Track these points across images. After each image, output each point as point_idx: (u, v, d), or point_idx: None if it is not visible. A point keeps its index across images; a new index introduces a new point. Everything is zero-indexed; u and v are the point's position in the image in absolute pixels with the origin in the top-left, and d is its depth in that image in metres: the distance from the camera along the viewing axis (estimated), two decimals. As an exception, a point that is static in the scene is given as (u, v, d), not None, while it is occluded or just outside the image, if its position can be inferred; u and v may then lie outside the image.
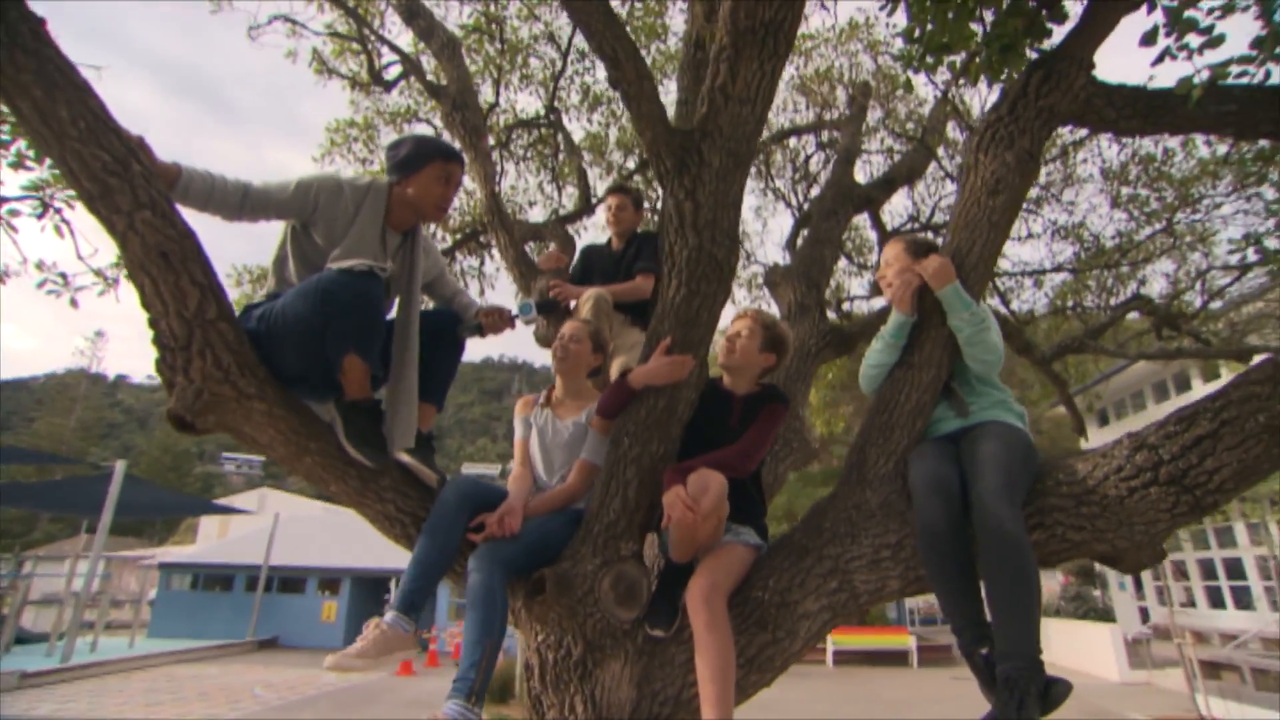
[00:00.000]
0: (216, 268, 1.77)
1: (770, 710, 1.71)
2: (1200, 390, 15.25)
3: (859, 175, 4.88)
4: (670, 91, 3.88)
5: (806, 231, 4.90)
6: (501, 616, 1.74)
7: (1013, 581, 1.46)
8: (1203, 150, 4.76)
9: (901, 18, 2.54)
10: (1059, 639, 13.89)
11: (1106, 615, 14.66)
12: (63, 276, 2.33)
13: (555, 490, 2.18)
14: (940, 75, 3.89)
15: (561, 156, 5.19)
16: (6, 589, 13.00)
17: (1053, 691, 1.37)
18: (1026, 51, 2.29)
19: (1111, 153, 5.11)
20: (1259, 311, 5.74)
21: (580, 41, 4.85)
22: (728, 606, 1.82)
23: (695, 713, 1.82)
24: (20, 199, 2.20)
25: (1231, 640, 12.51)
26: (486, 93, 4.51)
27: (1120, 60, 2.23)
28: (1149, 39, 2.05)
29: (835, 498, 1.98)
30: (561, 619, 1.87)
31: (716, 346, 2.33)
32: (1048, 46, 2.30)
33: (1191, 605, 15.40)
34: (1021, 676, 1.35)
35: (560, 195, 5.40)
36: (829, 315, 4.26)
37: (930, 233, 5.45)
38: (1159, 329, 5.11)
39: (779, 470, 3.14)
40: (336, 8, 4.11)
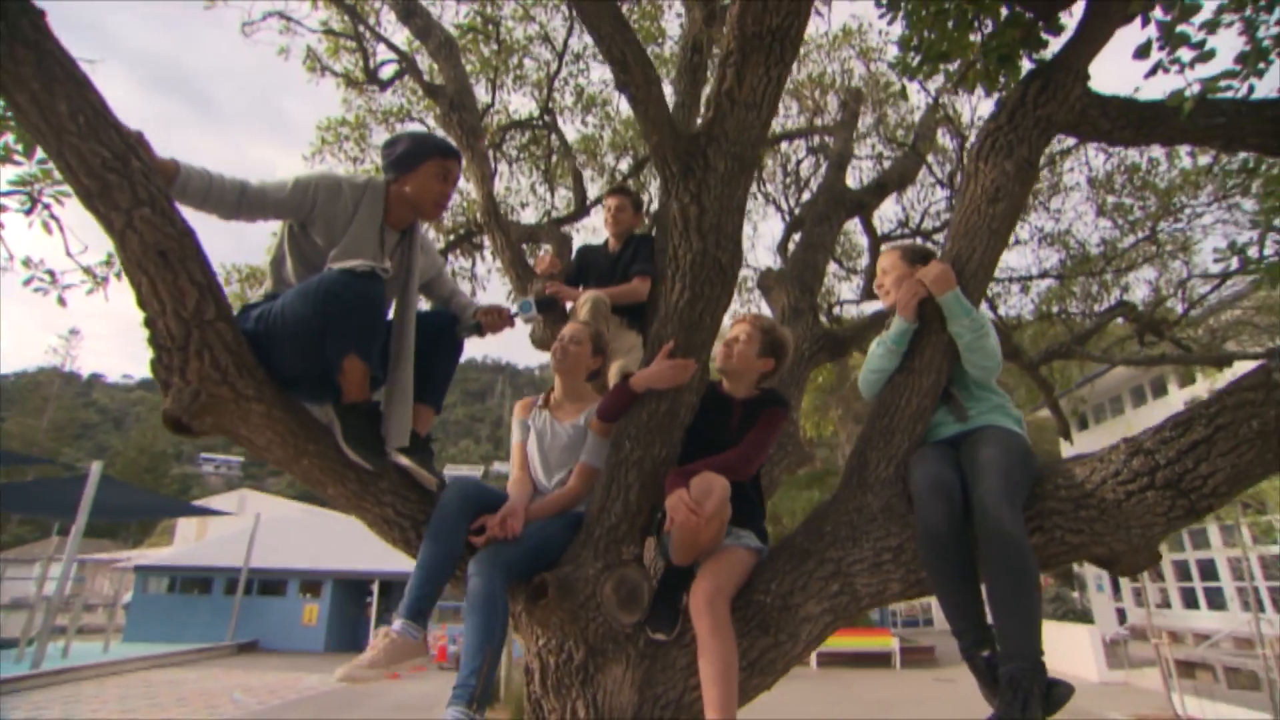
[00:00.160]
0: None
1: (754, 712, 1.72)
2: (1177, 395, 15.59)
3: (849, 180, 4.92)
4: (666, 95, 3.88)
5: (799, 236, 4.93)
6: (502, 622, 1.73)
7: (1015, 584, 1.48)
8: (1185, 161, 4.88)
9: (897, 26, 2.57)
10: (1039, 640, 14.07)
11: (1085, 617, 14.90)
12: (50, 274, 2.28)
13: (555, 494, 2.17)
14: (932, 83, 3.94)
15: (554, 158, 5.18)
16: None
17: (1055, 693, 1.39)
18: (1023, 62, 2.34)
19: (1098, 162, 5.23)
20: (1236, 318, 5.89)
21: (575, 43, 4.86)
22: (729, 610, 1.82)
23: (697, 716, 1.82)
24: (7, 194, 2.15)
25: (1205, 640, 12.77)
26: (480, 93, 4.50)
27: (1109, 67, 2.26)
28: (1142, 52, 2.10)
29: (836, 501, 1.99)
30: (563, 623, 1.86)
31: (714, 351, 2.33)
32: (1043, 57, 2.34)
33: (1167, 606, 15.72)
34: (1025, 677, 1.37)
35: (553, 197, 5.39)
36: (821, 319, 4.29)
37: (920, 238, 5.52)
38: (1141, 335, 5.22)
39: (774, 473, 3.15)
40: (333, 5, 4.07)
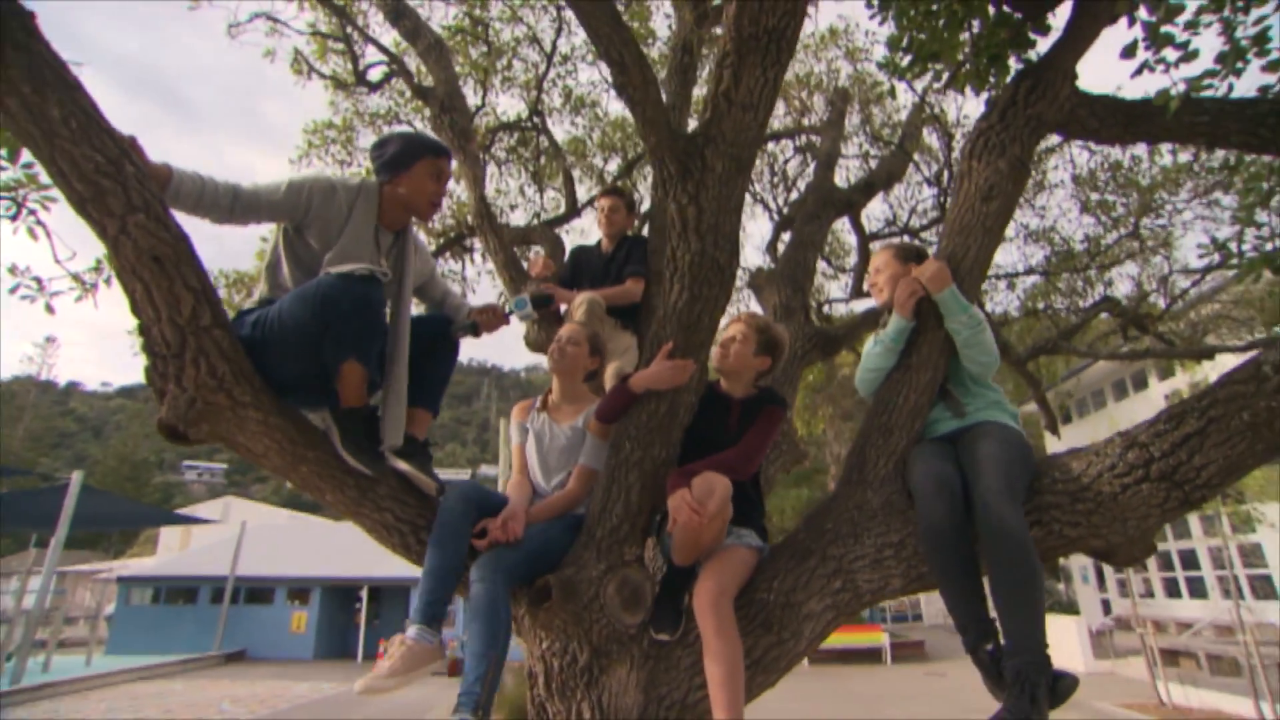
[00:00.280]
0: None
1: (752, 710, 1.74)
2: (1157, 388, 15.85)
3: (836, 180, 4.96)
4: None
5: (788, 235, 4.96)
6: (506, 628, 1.72)
7: (1019, 579, 1.50)
8: (1166, 159, 4.98)
9: (884, 27, 2.59)
10: (1026, 632, 14.25)
11: (1071, 609, 15.12)
12: (37, 281, 2.24)
13: (555, 496, 2.17)
14: (919, 82, 3.98)
15: (543, 160, 5.17)
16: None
17: (1060, 685, 1.41)
18: (1011, 62, 2.37)
19: (1082, 159, 5.32)
20: (1216, 312, 6.01)
21: (563, 45, 4.86)
22: (733, 609, 1.82)
23: (701, 716, 1.82)
24: (-9, 200, 2.10)
25: (1187, 628, 13.02)
26: (469, 95, 4.46)
27: (1091, 67, 2.31)
28: (1129, 52, 2.13)
29: (836, 499, 2.01)
30: (567, 625, 1.86)
31: (710, 352, 2.34)
32: (1031, 57, 2.38)
33: (1150, 596, 15.98)
34: (1032, 671, 1.39)
35: (542, 199, 5.39)
36: (812, 318, 4.31)
37: (908, 236, 5.57)
38: (1125, 330, 5.31)
39: (769, 472, 3.17)
40: (321, 6, 4.03)
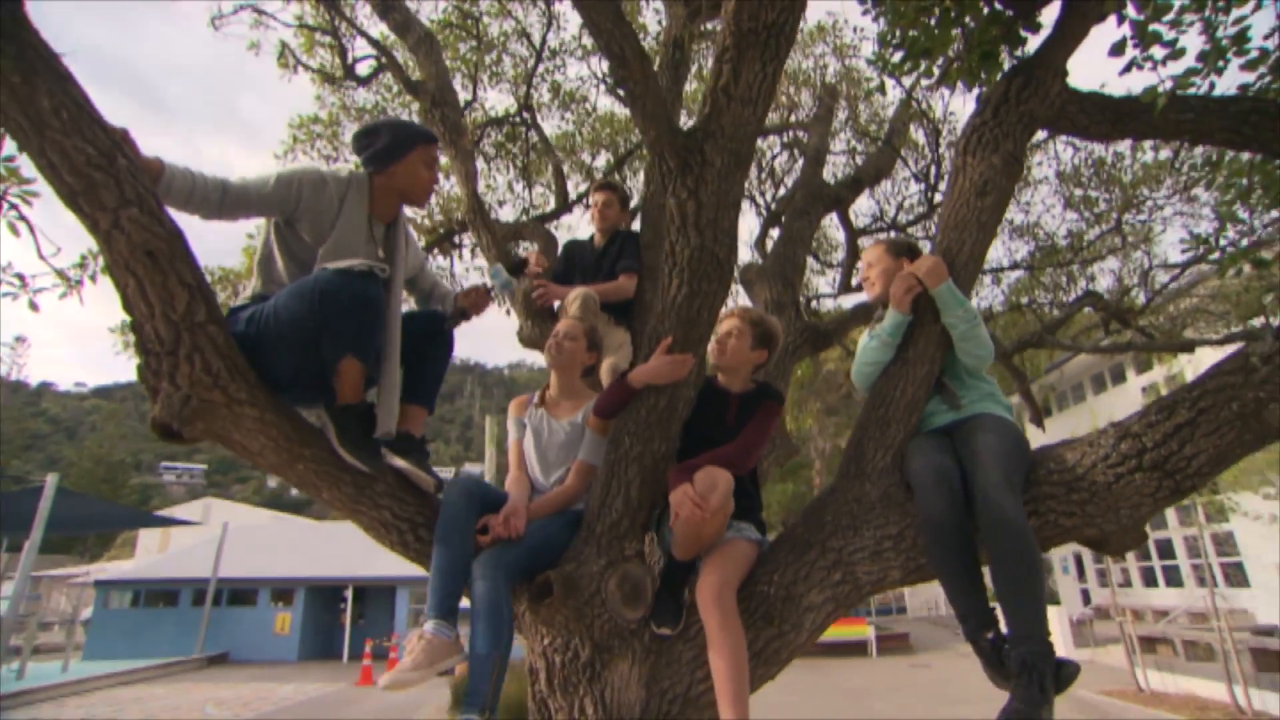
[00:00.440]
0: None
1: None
2: (1135, 381, 16.17)
3: (823, 176, 4.98)
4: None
5: (777, 231, 4.98)
6: (509, 626, 1.72)
7: (1020, 569, 1.52)
8: (1148, 156, 5.08)
9: (871, 22, 2.62)
10: (1009, 622, 14.52)
11: (1051, 599, 15.41)
12: (20, 278, 2.19)
13: (554, 492, 2.16)
14: (907, 78, 4.01)
15: (532, 155, 5.13)
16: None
17: (1064, 672, 1.43)
18: (1003, 59, 2.40)
19: (1066, 155, 5.40)
20: (1194, 306, 6.15)
21: (551, 40, 4.82)
22: (736, 603, 1.83)
23: (704, 710, 1.83)
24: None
25: (1164, 616, 13.32)
26: (458, 90, 4.40)
27: (1075, 63, 2.34)
28: (1118, 50, 2.17)
29: (835, 491, 2.02)
30: (569, 621, 1.86)
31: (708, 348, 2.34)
32: (1022, 54, 2.41)
33: (1128, 585, 16.33)
34: (1038, 660, 1.41)
35: (531, 194, 5.35)
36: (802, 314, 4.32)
37: (895, 232, 5.62)
38: (1107, 324, 5.41)
39: (763, 466, 3.19)
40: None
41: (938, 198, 5.14)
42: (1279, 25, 2.25)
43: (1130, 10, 2.12)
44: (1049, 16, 2.42)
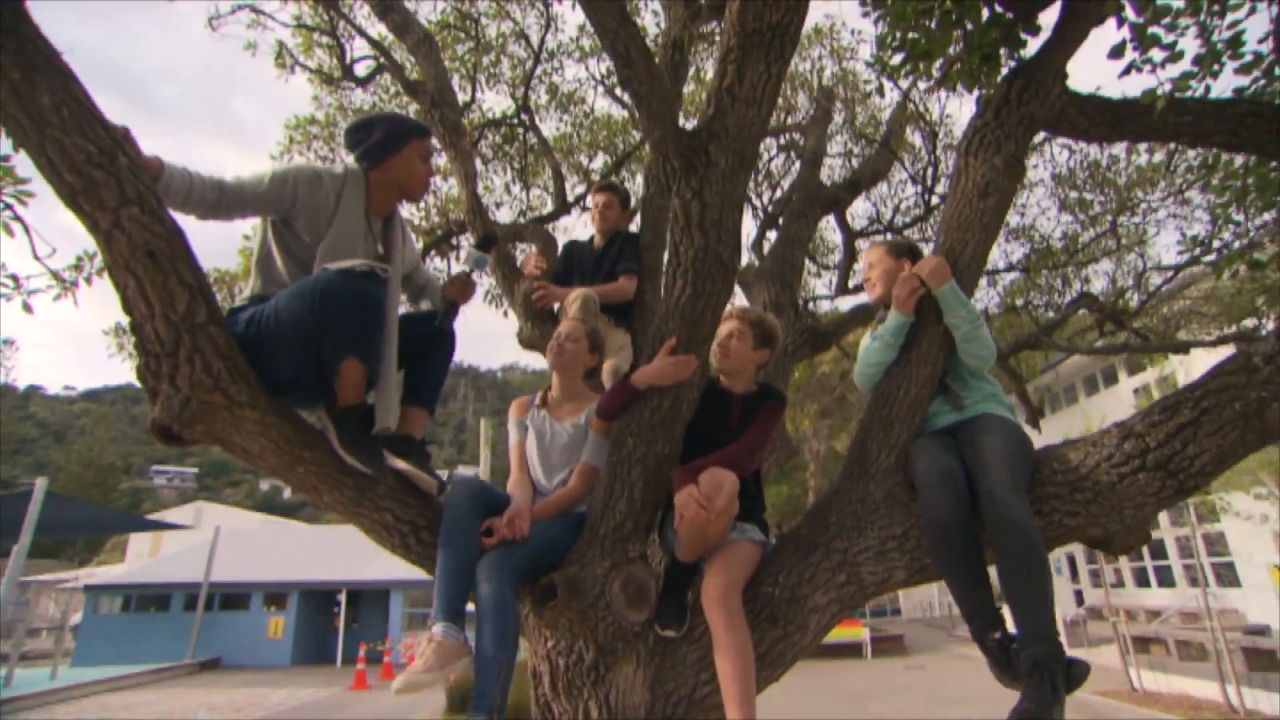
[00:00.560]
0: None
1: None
2: (1126, 384, 16.28)
3: (820, 178, 4.99)
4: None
5: (775, 233, 4.99)
6: (515, 628, 1.71)
7: (1029, 570, 1.52)
8: (1142, 158, 5.12)
9: (869, 25, 2.62)
10: (1003, 623, 14.57)
11: (1045, 598, 15.44)
12: (14, 279, 2.16)
13: (557, 494, 2.15)
14: (904, 80, 4.02)
15: (529, 157, 5.13)
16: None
17: (1074, 671, 1.43)
18: (1004, 61, 2.41)
19: (1062, 158, 5.44)
20: (1187, 308, 6.19)
21: (550, 41, 4.82)
22: (741, 604, 1.83)
23: (709, 712, 1.82)
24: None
25: (1156, 616, 13.40)
26: (456, 91, 4.39)
27: (1077, 63, 2.36)
28: (1117, 52, 2.18)
29: (839, 492, 2.02)
30: (573, 624, 1.85)
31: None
32: (1022, 56, 2.42)
33: (1120, 585, 16.42)
34: (1049, 660, 1.42)
35: (528, 196, 5.34)
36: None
37: (892, 234, 5.64)
38: (1102, 325, 5.44)
39: (764, 468, 3.18)
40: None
41: (934, 200, 5.16)
42: (1273, 29, 2.28)
43: (1129, 13, 2.14)
44: (1048, 19, 2.44)
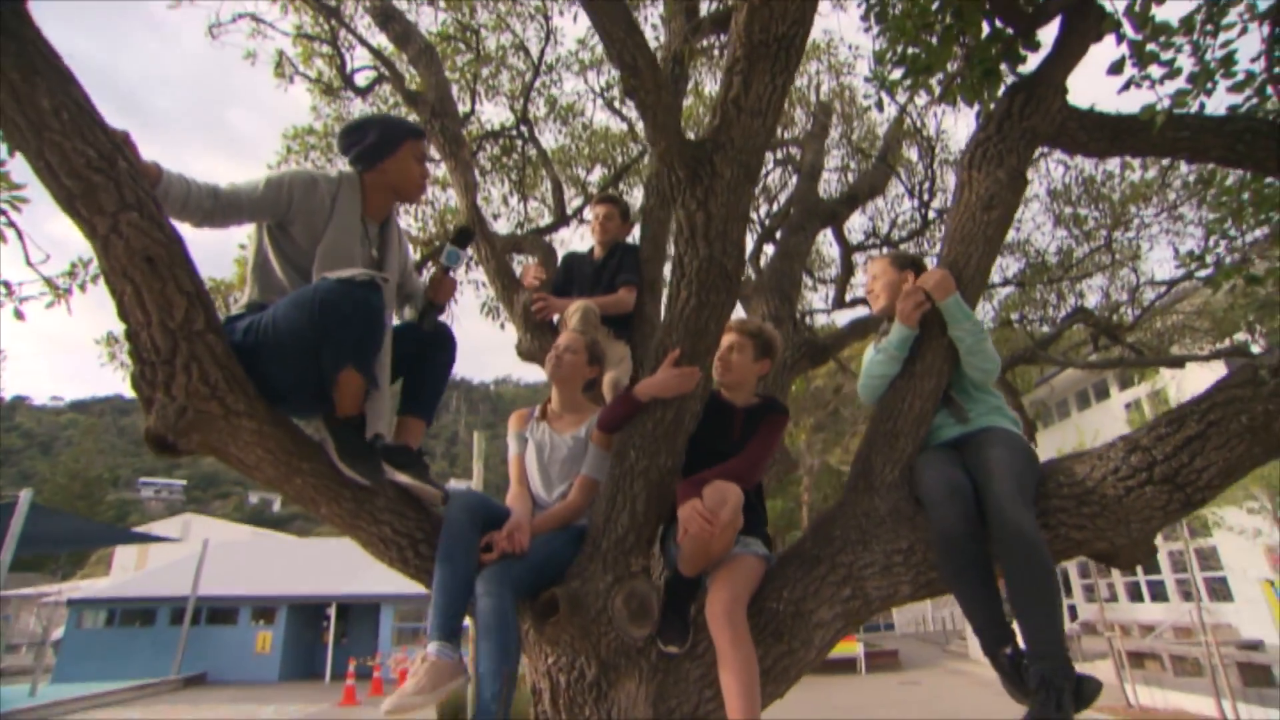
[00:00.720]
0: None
1: None
2: (1118, 398, 16.36)
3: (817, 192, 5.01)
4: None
5: (773, 247, 5.00)
6: (517, 643, 1.67)
7: (1037, 584, 1.50)
8: (1135, 174, 5.18)
9: (867, 40, 2.64)
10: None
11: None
12: (5, 285, 2.12)
13: (557, 507, 2.12)
14: (902, 96, 4.05)
15: (527, 168, 5.13)
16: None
17: (1085, 688, 1.41)
18: (1004, 76, 2.43)
19: (1057, 173, 5.50)
20: (1180, 322, 6.24)
21: (549, 53, 4.84)
22: (746, 619, 1.80)
23: (712, 729, 1.79)
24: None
25: (1150, 631, 13.38)
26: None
27: (1075, 77, 2.38)
28: (1116, 68, 2.21)
29: (844, 506, 2.00)
30: (575, 640, 1.81)
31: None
32: (1022, 72, 2.44)
33: (1114, 600, 16.40)
34: (1057, 676, 1.39)
35: (525, 208, 5.35)
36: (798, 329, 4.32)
37: (887, 247, 5.67)
38: (1096, 340, 5.47)
39: (763, 481, 3.16)
40: (309, 8, 3.94)
41: (931, 214, 5.20)
42: (1264, 49, 2.31)
43: (1128, 30, 2.16)
44: (1047, 35, 2.47)
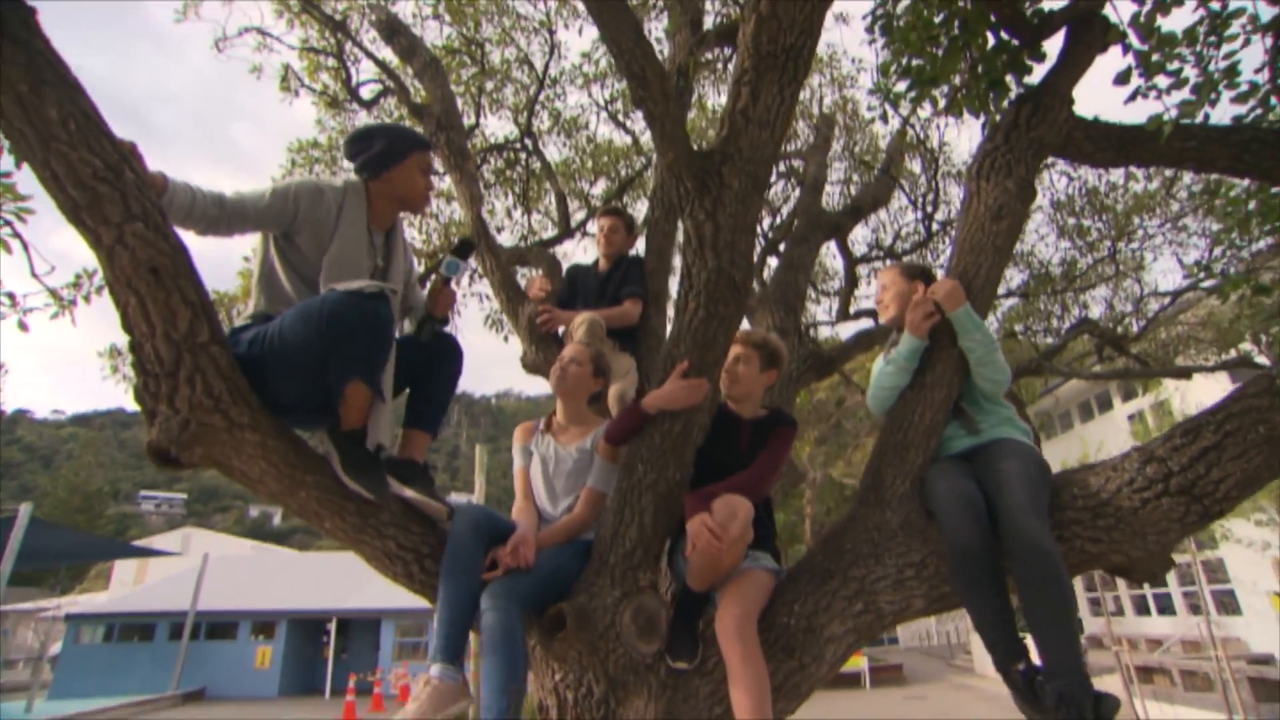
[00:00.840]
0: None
1: None
2: (1120, 410, 16.30)
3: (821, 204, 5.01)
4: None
5: (777, 259, 5.00)
6: (525, 658, 1.64)
7: (1053, 598, 1.47)
8: (1138, 185, 5.19)
9: (870, 53, 2.66)
10: (1004, 653, 14.35)
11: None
12: (10, 297, 2.11)
13: (562, 521, 2.09)
14: (905, 108, 4.06)
15: (530, 181, 5.15)
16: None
17: (1103, 706, 1.38)
18: (1010, 87, 2.43)
19: (1061, 184, 5.50)
20: (1184, 333, 6.23)
21: (553, 67, 4.87)
22: (757, 634, 1.77)
23: (723, 748, 1.75)
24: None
25: (1158, 645, 13.23)
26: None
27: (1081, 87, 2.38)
28: (1123, 79, 2.21)
29: (854, 519, 1.97)
30: (582, 656, 1.78)
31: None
32: (1028, 83, 2.44)
33: (1120, 614, 16.24)
34: (1077, 693, 1.36)
35: (529, 221, 5.35)
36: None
37: (890, 259, 5.67)
38: (1101, 350, 5.45)
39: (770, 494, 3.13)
40: (316, 22, 3.97)
41: (935, 226, 5.20)
42: (1268, 60, 2.31)
43: (1134, 40, 2.16)
44: (1052, 46, 2.47)
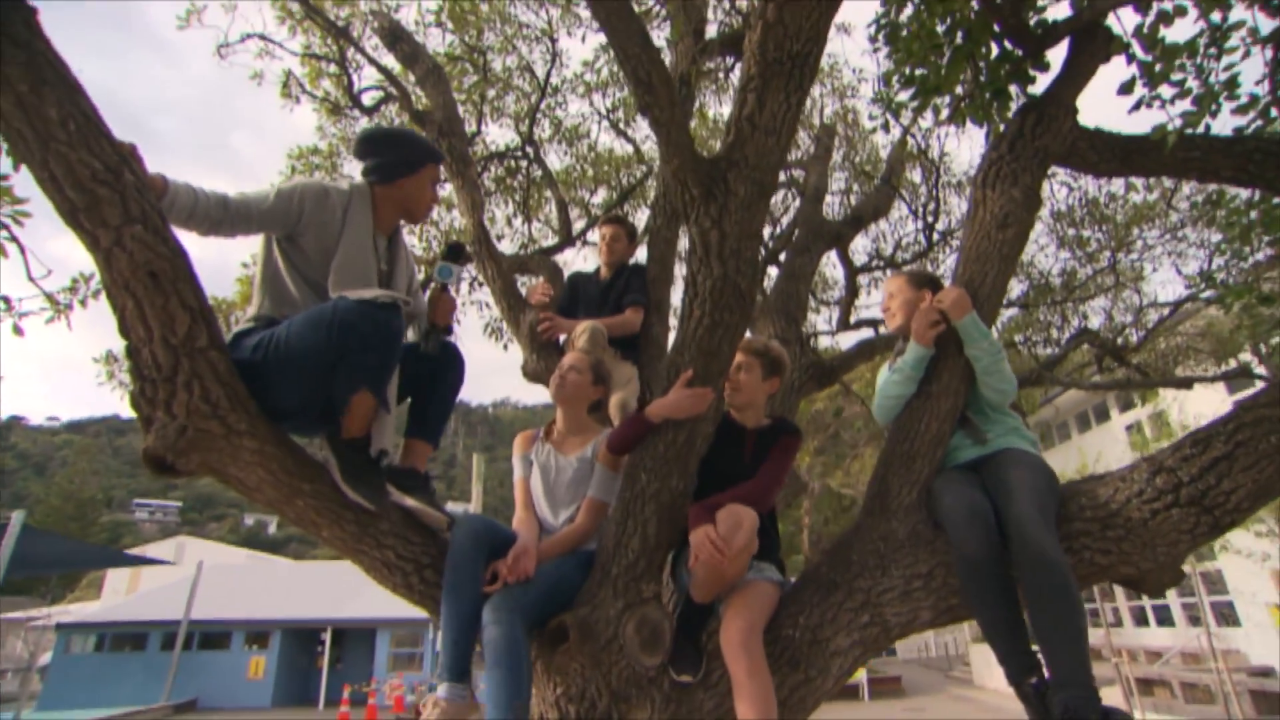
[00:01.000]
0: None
1: None
2: (1118, 420, 16.31)
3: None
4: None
5: (778, 269, 4.99)
6: (529, 671, 1.61)
7: (1061, 610, 1.45)
8: (1138, 196, 5.21)
9: (871, 63, 2.66)
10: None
11: (1045, 639, 15.14)
12: (5, 300, 2.09)
13: (563, 532, 2.06)
14: (906, 117, 4.07)
15: (531, 189, 5.15)
16: None
17: (1113, 721, 1.35)
18: (1014, 96, 2.43)
19: (1061, 195, 5.51)
20: (1183, 343, 6.23)
21: (555, 76, 4.88)
22: (763, 648, 1.73)
23: (726, 762, 1.72)
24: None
25: (1158, 657, 13.17)
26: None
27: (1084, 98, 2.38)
28: (1127, 88, 2.21)
29: (860, 530, 1.95)
30: (585, 669, 1.75)
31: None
32: (1032, 92, 2.44)
33: (1119, 625, 16.17)
34: (1084, 707, 1.34)
35: (529, 229, 5.35)
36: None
37: (890, 269, 5.66)
38: (1101, 360, 5.45)
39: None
40: (318, 27, 3.97)
41: (935, 235, 5.20)
42: (1268, 72, 2.31)
43: (1138, 51, 2.17)
44: (1056, 56, 2.48)
